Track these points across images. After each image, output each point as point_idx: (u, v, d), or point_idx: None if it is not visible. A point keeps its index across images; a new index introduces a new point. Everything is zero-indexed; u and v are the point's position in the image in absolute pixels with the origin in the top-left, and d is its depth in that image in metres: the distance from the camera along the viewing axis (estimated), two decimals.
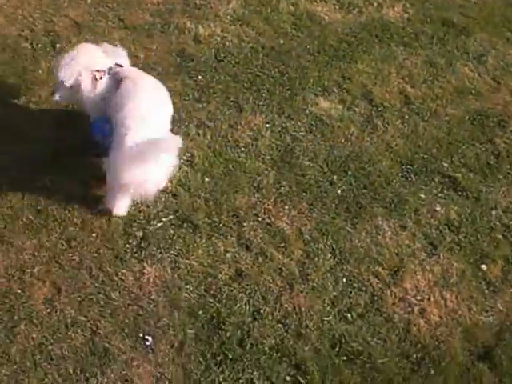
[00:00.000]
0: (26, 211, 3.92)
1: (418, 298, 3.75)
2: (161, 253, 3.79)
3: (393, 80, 5.18)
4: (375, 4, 6.06)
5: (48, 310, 3.49)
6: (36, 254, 3.72)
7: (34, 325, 3.43)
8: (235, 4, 5.76)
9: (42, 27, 5.28)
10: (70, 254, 3.74)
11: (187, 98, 4.79)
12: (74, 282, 3.62)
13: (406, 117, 4.86)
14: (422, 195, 4.31)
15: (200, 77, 4.98)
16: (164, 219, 3.96)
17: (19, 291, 3.56)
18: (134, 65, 4.54)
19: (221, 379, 3.30)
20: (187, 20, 5.50)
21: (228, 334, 3.47)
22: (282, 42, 5.45)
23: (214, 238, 3.91)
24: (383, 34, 5.72)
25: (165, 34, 5.33)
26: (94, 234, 3.85)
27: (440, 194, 4.33)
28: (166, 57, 5.11)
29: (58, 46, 5.10)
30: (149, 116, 3.78)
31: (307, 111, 4.82)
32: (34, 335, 3.38)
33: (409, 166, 4.50)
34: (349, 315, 3.63)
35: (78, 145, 4.30)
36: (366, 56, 5.43)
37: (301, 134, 4.64)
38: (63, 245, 3.78)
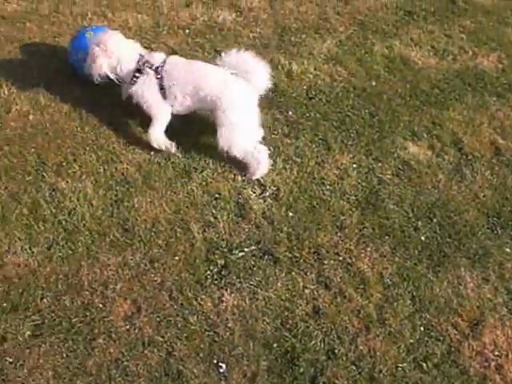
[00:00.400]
0: (113, 229, 4.02)
1: (496, 353, 3.64)
2: (240, 282, 3.81)
3: (484, 130, 5.12)
4: (470, 52, 6.04)
5: (127, 327, 3.54)
6: (120, 271, 3.80)
7: (112, 340, 3.48)
8: (330, 44, 5.83)
9: None
10: (152, 275, 3.80)
11: (276, 133, 4.84)
12: (154, 302, 3.67)
13: (496, 168, 4.78)
14: (508, 249, 4.21)
15: (290, 112, 5.03)
16: (246, 249, 3.99)
17: (101, 305, 3.63)
18: None
19: None
20: (281, 56, 5.59)
21: (301, 370, 3.45)
22: (373, 83, 5.46)
23: (293, 273, 3.91)
24: (476, 83, 5.67)
25: None
26: (176, 258, 3.90)
27: None
28: None
29: None
30: None
31: (395, 154, 4.80)
32: (112, 350, 3.44)
33: (495, 219, 4.40)
34: (424, 364, 3.55)
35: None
36: (458, 104, 5.38)
37: (387, 176, 4.62)
38: (146, 265, 3.85)
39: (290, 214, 4.25)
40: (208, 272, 3.85)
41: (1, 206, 4.09)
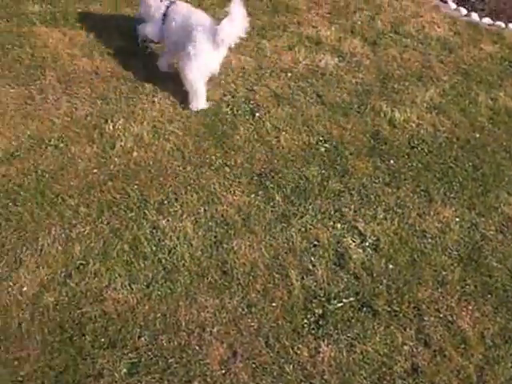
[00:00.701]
0: (212, 270, 4.02)
1: None
2: (338, 333, 3.74)
3: None
4: None
5: (223, 372, 3.52)
6: (217, 313, 3.79)
7: None
8: (433, 92, 5.74)
9: (243, 94, 5.49)
10: (249, 320, 3.78)
11: (377, 181, 4.78)
12: (251, 348, 3.64)
13: None
14: None
15: (392, 161, 4.96)
16: (344, 300, 3.92)
17: (197, 348, 3.62)
18: (327, 141, 4.90)
19: None
20: (383, 103, 5.53)
21: None
22: (477, 135, 5.34)
23: (392, 327, 3.81)
24: None
25: (360, 114, 5.39)
26: (274, 304, 3.87)
27: None
28: (360, 137, 5.15)
29: (257, 114, 5.26)
30: None
31: (499, 210, 4.66)
32: None
33: None
34: None
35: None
36: None
37: (491, 232, 4.48)
38: (244, 309, 3.83)
39: (390, 266, 4.16)
40: (305, 321, 3.79)
41: (103, 241, 4.16)
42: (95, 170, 4.65)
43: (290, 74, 5.81)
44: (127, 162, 4.73)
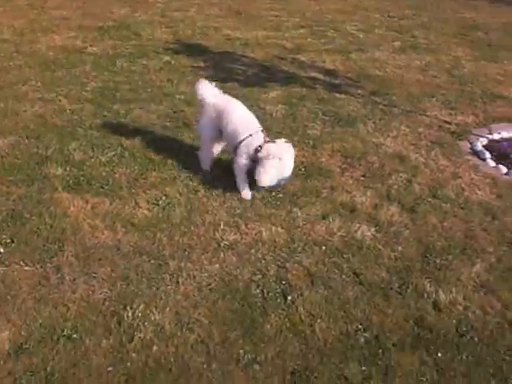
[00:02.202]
0: None
1: None
2: None
3: None
4: None
5: None
6: None
7: None
8: (479, 267, 5.30)
9: (275, 273, 5.09)
10: None
11: (424, 380, 4.25)
12: None
13: None
14: None
15: (440, 354, 4.45)
16: None
17: None
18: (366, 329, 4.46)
19: None
20: (426, 281, 5.08)
21: None
22: None
23: None
24: None
25: (402, 296, 4.93)
26: None
27: None
28: (403, 324, 4.66)
29: (289, 298, 4.83)
30: None
31: None
32: None
33: None
34: None
35: None
36: None
37: None
38: None
39: None
40: None
41: None
42: (110, 368, 4.19)
43: (324, 248, 5.41)
44: (146, 359, 4.27)
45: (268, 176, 5.79)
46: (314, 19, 12.31)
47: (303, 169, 6.55)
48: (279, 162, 5.76)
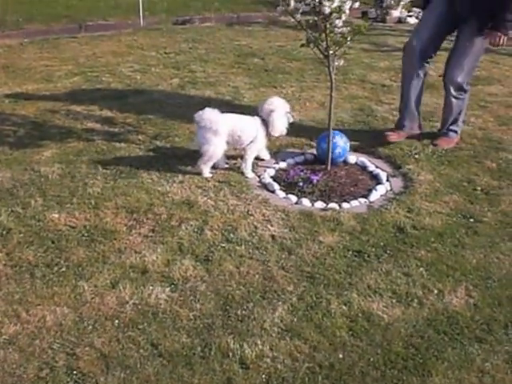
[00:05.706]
0: None
1: None
2: None
3: None
4: (435, 291, 5.41)
5: None
6: None
7: None
8: (281, 310, 5.08)
9: (64, 363, 4.51)
10: None
11: None
12: None
13: None
14: None
15: None
16: None
17: None
18: None
19: None
20: (230, 338, 4.77)
21: None
22: (340, 355, 4.68)
23: None
24: (452, 330, 4.98)
25: (206, 360, 4.57)
26: None
27: None
28: None
29: None
30: None
31: None
32: None
33: None
34: None
35: None
36: (440, 363, 4.63)
37: None
38: None
39: None
40: None
41: None
42: None
43: (116, 322, 4.93)
44: None
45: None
46: (88, 65, 11.78)
47: (86, 234, 6.03)
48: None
